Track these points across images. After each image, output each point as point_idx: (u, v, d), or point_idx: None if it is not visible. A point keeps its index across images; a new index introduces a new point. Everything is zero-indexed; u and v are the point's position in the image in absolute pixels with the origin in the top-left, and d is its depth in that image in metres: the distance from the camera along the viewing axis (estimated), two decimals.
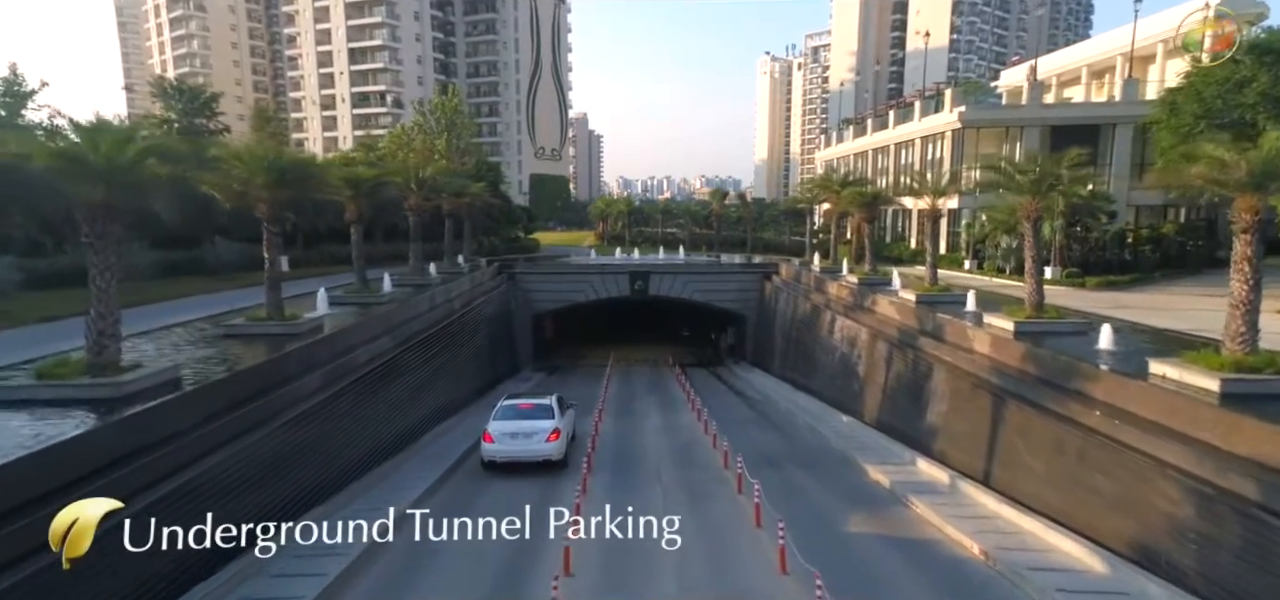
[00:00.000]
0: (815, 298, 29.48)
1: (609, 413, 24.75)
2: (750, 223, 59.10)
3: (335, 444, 14.78)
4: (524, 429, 16.73)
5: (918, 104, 47.35)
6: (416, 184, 26.57)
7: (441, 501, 14.59)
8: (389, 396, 18.01)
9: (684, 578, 10.42)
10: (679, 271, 39.17)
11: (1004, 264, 36.79)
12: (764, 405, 26.48)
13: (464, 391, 25.10)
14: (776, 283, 36.47)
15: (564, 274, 39.90)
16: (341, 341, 16.62)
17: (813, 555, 10.12)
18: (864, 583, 10.34)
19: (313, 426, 13.67)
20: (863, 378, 21.94)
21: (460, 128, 59.26)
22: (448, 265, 33.53)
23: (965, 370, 15.97)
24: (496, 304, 33.67)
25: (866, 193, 28.63)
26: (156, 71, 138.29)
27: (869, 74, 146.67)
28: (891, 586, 10.40)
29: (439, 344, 23.19)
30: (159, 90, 39.50)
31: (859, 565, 10.90)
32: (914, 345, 18.93)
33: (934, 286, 22.47)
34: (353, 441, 15.56)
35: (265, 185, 15.35)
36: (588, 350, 42.85)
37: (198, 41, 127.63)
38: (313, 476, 13.13)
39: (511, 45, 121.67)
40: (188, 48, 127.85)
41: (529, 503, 9.62)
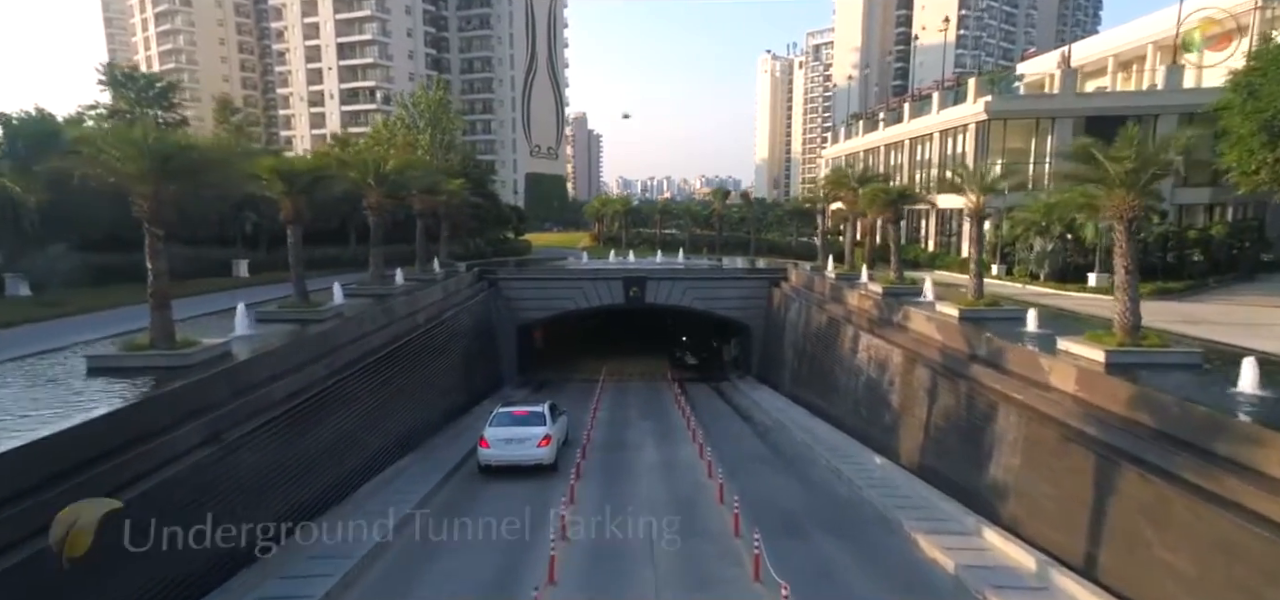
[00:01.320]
0: (832, 309, 25.96)
1: (596, 446, 21.24)
2: (754, 223, 55.54)
3: (227, 510, 11.28)
4: (517, 435, 17.84)
5: (936, 96, 43.83)
6: (376, 179, 23.05)
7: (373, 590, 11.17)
8: (318, 439, 14.49)
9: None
10: (678, 277, 35.66)
11: (1037, 269, 33.30)
12: (776, 434, 22.97)
13: (428, 417, 21.58)
14: (786, 290, 32.96)
15: (552, 280, 36.38)
16: (250, 373, 13.11)
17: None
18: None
19: (182, 493, 10.15)
20: (897, 409, 18.42)
21: (446, 123, 55.73)
22: (420, 271, 30.05)
23: (1044, 414, 12.46)
24: (475, 314, 30.14)
25: (890, 190, 25.13)
26: (144, 69, 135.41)
27: (873, 71, 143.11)
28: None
29: (396, 366, 19.68)
30: (109, 78, 35.96)
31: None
32: (965, 374, 15.42)
33: (979, 299, 18.96)
34: (256, 502, 12.04)
35: (141, 175, 11.83)
36: (580, 361, 39.38)
37: (184, 37, 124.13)
38: (171, 569, 9.59)
39: (506, 40, 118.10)
40: (173, 44, 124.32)
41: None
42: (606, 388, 32.44)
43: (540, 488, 17.07)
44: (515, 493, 16.98)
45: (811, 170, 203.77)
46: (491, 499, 16.34)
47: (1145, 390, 10.71)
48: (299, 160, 19.31)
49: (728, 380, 34.75)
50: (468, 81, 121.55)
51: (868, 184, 29.17)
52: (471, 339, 28.77)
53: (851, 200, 30.36)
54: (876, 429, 19.46)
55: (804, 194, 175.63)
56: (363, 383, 17.20)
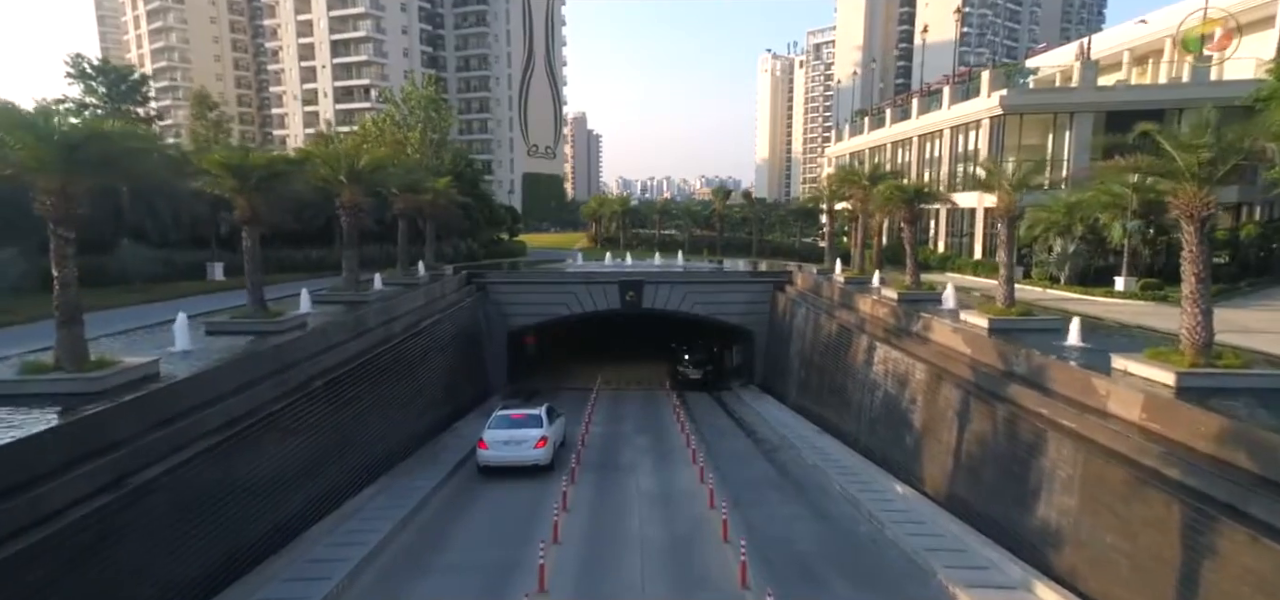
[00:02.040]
0: (843, 316, 24.08)
1: (587, 467, 19.38)
2: (756, 224, 53.64)
3: (132, 571, 9.41)
4: (515, 437, 18.45)
5: (947, 90, 41.95)
6: (349, 176, 21.16)
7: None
8: (260, 473, 12.60)
9: None
10: (677, 280, 33.77)
11: (1057, 271, 31.44)
12: (783, 454, 21.06)
13: (402, 438, 19.68)
14: (791, 295, 31.08)
15: (544, 283, 34.48)
16: (175, 399, 11.22)
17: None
18: None
19: (60, 558, 8.26)
20: (920, 431, 16.53)
21: (438, 119, 53.83)
22: (402, 274, 28.19)
23: (1106, 448, 10.58)
24: (460, 321, 28.26)
25: (906, 188, 23.22)
26: (136, 67, 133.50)
27: (876, 69, 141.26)
28: None
29: (364, 382, 17.79)
30: (76, 71, 34.07)
31: None
32: (1002, 396, 13.53)
33: (1011, 308, 17.07)
34: (172, 557, 10.17)
35: (42, 166, 9.95)
36: (574, 369, 37.49)
37: (176, 35, 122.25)
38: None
39: (503, 38, 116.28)
40: (165, 41, 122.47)
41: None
42: (601, 398, 30.55)
43: (523, 519, 15.25)
44: (491, 524, 15.17)
45: (812, 170, 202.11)
46: (462, 534, 14.49)
47: (1248, 427, 8.80)
48: (257, 154, 17.37)
49: (729, 389, 32.86)
50: (464, 80, 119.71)
51: (880, 181, 27.29)
52: (456, 348, 26.89)
53: (861, 199, 28.47)
54: (896, 452, 17.56)
55: (804, 194, 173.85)
56: (321, 404, 15.31)
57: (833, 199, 33.74)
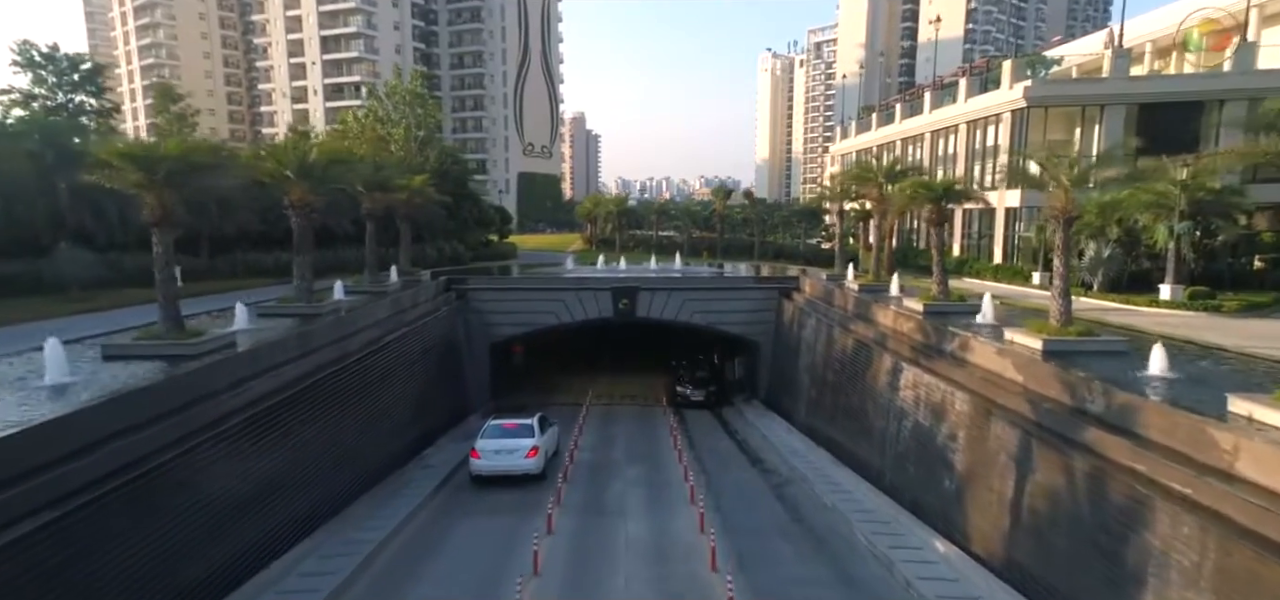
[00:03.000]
0: (860, 329, 21.37)
1: (568, 509, 16.71)
2: (758, 225, 50.90)
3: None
4: (506, 446, 18.67)
5: (963, 82, 39.27)
6: (297, 172, 18.45)
7: None
8: (129, 547, 9.89)
9: None
10: (675, 287, 31.05)
11: (1089, 277, 28.77)
12: (795, 490, 18.37)
13: (354, 474, 16.98)
14: (799, 303, 28.39)
15: (530, 290, 31.73)
16: (14, 452, 8.52)
17: None
18: None
19: None
20: (962, 475, 13.83)
21: (423, 116, 51.11)
22: (369, 281, 25.48)
23: (1251, 532, 7.87)
24: (435, 332, 25.56)
25: (933, 185, 20.50)
26: (123, 65, 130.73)
27: (878, 66, 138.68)
28: None
29: (305, 411, 15.09)
30: (24, 59, 31.35)
31: None
32: (1076, 441, 10.84)
33: (1068, 327, 14.38)
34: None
35: None
36: (564, 381, 34.82)
37: (164, 32, 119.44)
38: None
39: (498, 34, 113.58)
40: (153, 38, 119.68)
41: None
42: (591, 416, 27.87)
43: (490, 571, 12.69)
44: (451, 577, 12.60)
45: (813, 171, 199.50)
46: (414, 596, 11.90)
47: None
48: (173, 143, 14.63)
49: (732, 404, 30.15)
50: (458, 77, 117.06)
51: (899, 178, 24.62)
52: (428, 364, 24.18)
53: (877, 198, 25.80)
54: (931, 496, 14.85)
55: (805, 194, 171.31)
56: (243, 444, 12.61)
57: (843, 198, 31.01)
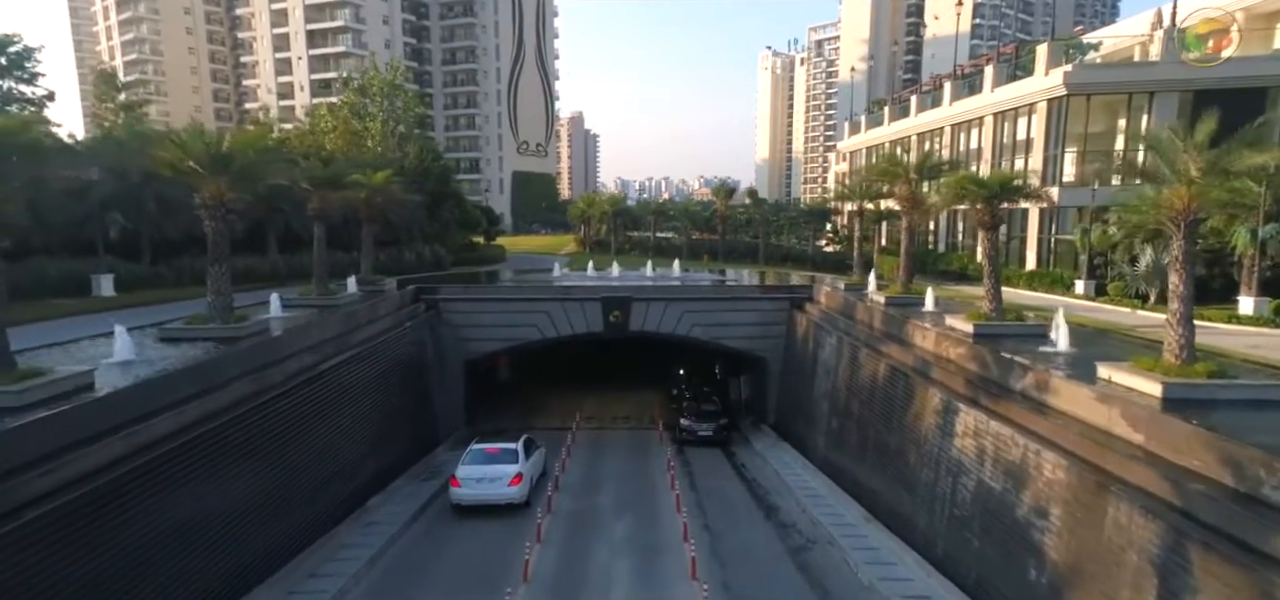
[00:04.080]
0: (895, 353, 17.88)
1: (539, 583, 13.24)
2: (763, 226, 47.34)
3: None
4: (489, 474, 17.63)
5: (989, 69, 35.80)
6: (209, 165, 14.95)
7: None
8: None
9: None
10: (672, 296, 27.58)
11: (1146, 287, 25.37)
12: (821, 556, 14.90)
13: (262, 549, 13.46)
14: (813, 316, 24.94)
15: (511, 300, 28.19)
16: None
17: None
18: None
19: None
20: (1061, 569, 10.31)
21: (403, 109, 47.61)
22: (318, 292, 21.97)
23: None
24: (396, 351, 22.08)
25: (987, 183, 16.94)
26: (106, 63, 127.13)
27: (881, 62, 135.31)
28: None
29: (186, 472, 11.59)
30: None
31: None
32: (1269, 553, 7.34)
33: (1192, 365, 10.91)
34: None
35: None
36: (549, 401, 31.25)
37: (147, 26, 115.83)
38: None
39: (491, 28, 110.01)
40: (136, 33, 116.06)
41: None
42: (577, 446, 24.39)
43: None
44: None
45: (814, 170, 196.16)
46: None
47: None
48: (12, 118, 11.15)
49: (741, 436, 26.57)
50: (450, 74, 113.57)
51: (934, 173, 21.16)
52: (385, 389, 20.67)
53: (906, 197, 22.32)
54: (1010, 587, 11.35)
55: (806, 194, 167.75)
56: (79, 527, 9.12)
57: (863, 197, 27.55)
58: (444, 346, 26.30)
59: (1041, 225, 31.44)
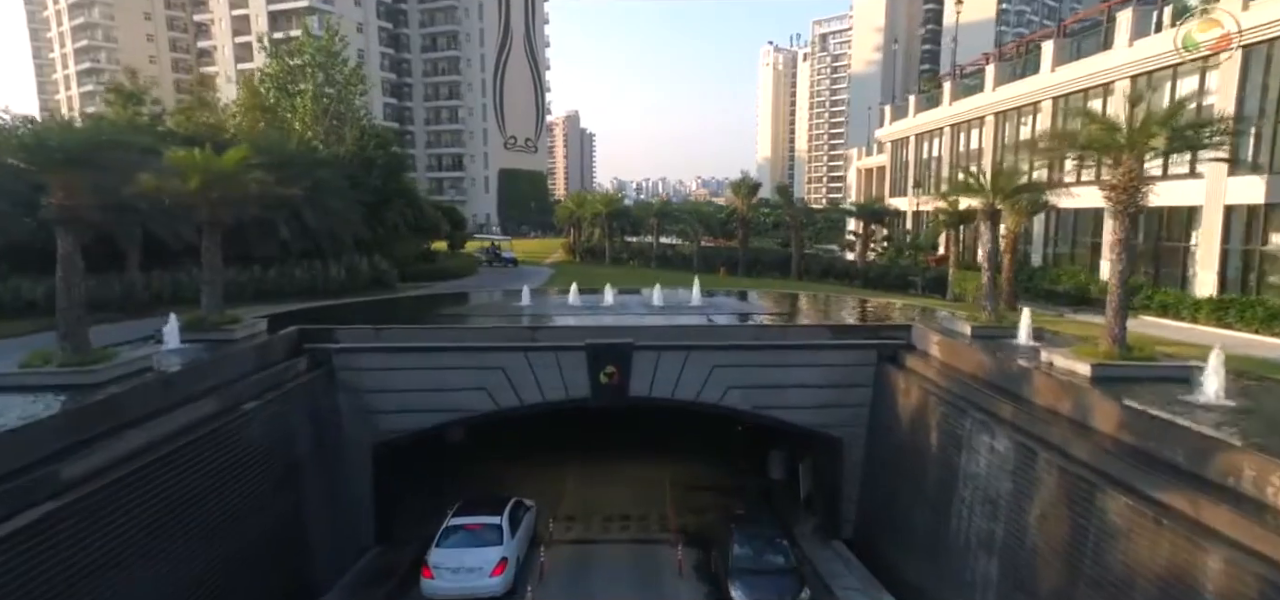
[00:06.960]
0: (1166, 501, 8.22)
1: None
2: (797, 231, 37.46)
3: None
4: (467, 562, 14.26)
5: (1124, 17, 26.21)
6: None
7: None
8: None
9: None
10: (694, 342, 17.99)
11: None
12: None
13: None
14: (924, 376, 15.39)
15: (445, 352, 18.20)
16: None
17: None
18: None
19: None
20: None
21: (345, 86, 37.90)
22: (66, 349, 12.21)
23: None
24: (236, 449, 12.41)
25: None
26: (56, 49, 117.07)
27: (899, 51, 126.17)
28: None
29: None
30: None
31: None
32: None
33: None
34: None
35: None
36: (512, 482, 21.41)
37: (98, 10, 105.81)
38: None
39: (475, 13, 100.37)
40: (86, 17, 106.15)
41: None
42: (550, 574, 14.80)
43: None
44: None
45: (818, 170, 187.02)
46: None
47: None
48: None
49: (812, 570, 16.58)
50: (431, 62, 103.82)
51: (1190, 139, 11.70)
52: (200, 528, 10.97)
53: (1126, 180, 12.76)
54: None
55: (810, 194, 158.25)
56: None
57: (1002, 191, 17.98)
58: (339, 425, 16.67)
59: (1224, 233, 21.80)
